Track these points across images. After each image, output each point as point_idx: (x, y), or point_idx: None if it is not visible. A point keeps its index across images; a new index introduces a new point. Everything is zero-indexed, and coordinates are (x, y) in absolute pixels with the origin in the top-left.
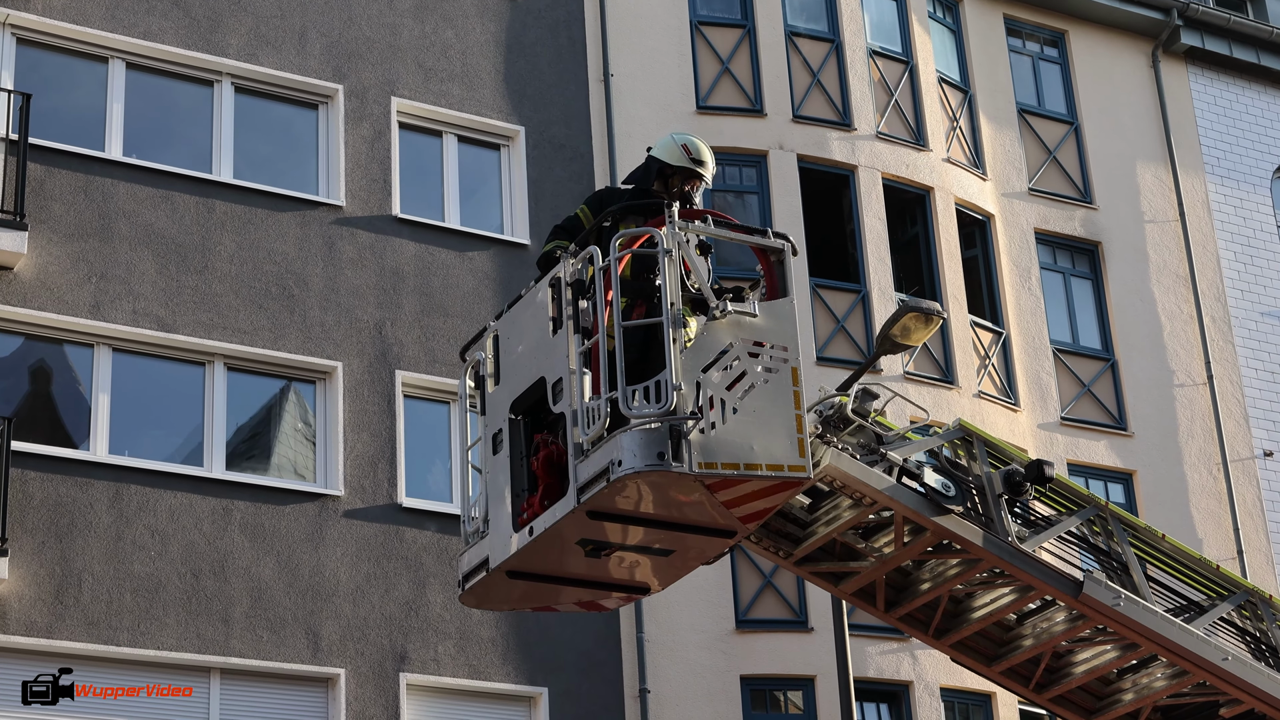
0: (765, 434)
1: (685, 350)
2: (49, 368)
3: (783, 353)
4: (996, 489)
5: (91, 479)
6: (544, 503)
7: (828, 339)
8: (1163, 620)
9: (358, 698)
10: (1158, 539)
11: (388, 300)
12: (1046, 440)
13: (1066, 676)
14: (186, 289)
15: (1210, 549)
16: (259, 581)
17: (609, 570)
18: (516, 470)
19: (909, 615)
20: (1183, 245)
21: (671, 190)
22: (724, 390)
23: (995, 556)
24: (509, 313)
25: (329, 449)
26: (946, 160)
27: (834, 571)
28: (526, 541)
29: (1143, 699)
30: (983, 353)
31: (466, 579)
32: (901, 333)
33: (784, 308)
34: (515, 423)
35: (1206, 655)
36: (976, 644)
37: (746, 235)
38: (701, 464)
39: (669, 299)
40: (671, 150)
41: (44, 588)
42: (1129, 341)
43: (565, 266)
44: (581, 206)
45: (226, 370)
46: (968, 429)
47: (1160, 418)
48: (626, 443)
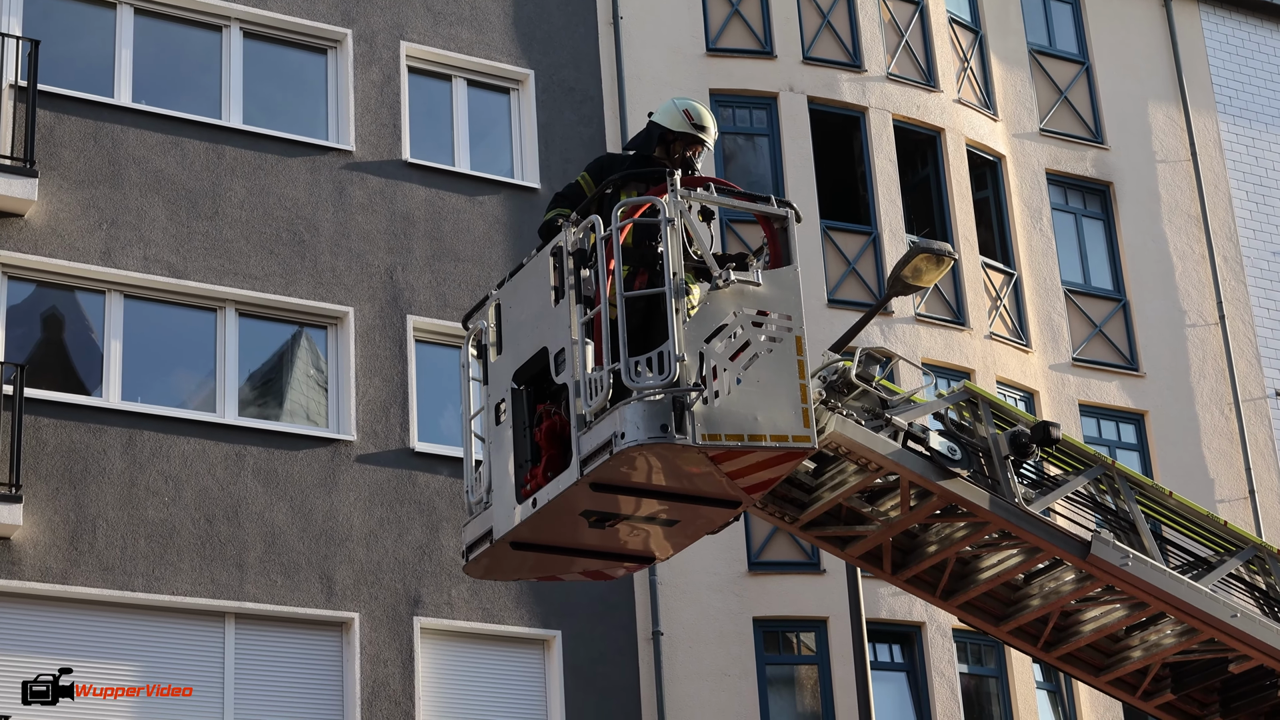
0: (769, 404)
1: (688, 320)
2: (61, 315)
3: (786, 321)
4: (1003, 451)
5: (104, 425)
6: (547, 474)
7: (839, 281)
8: (1170, 579)
9: (372, 641)
10: (1165, 496)
11: (398, 245)
12: (1058, 381)
13: (1075, 635)
14: (197, 235)
15: (1222, 489)
16: (272, 526)
17: (614, 540)
18: (519, 441)
19: (916, 577)
20: (1194, 185)
21: (673, 156)
22: (727, 360)
23: (1002, 519)
24: (511, 281)
25: (341, 394)
26: (957, 101)
27: (840, 535)
28: (530, 513)
29: (1151, 656)
30: (994, 294)
31: (470, 549)
32: (913, 274)
33: (788, 276)
34: (518, 393)
35: (1215, 613)
36: (984, 604)
37: (749, 203)
38: (705, 435)
39: (671, 268)
40: (673, 116)
41: (59, 534)
42: (1140, 282)
43: (567, 235)
44: (582, 173)
45: (238, 316)
46: (973, 391)
47: (1172, 358)
48: (629, 415)
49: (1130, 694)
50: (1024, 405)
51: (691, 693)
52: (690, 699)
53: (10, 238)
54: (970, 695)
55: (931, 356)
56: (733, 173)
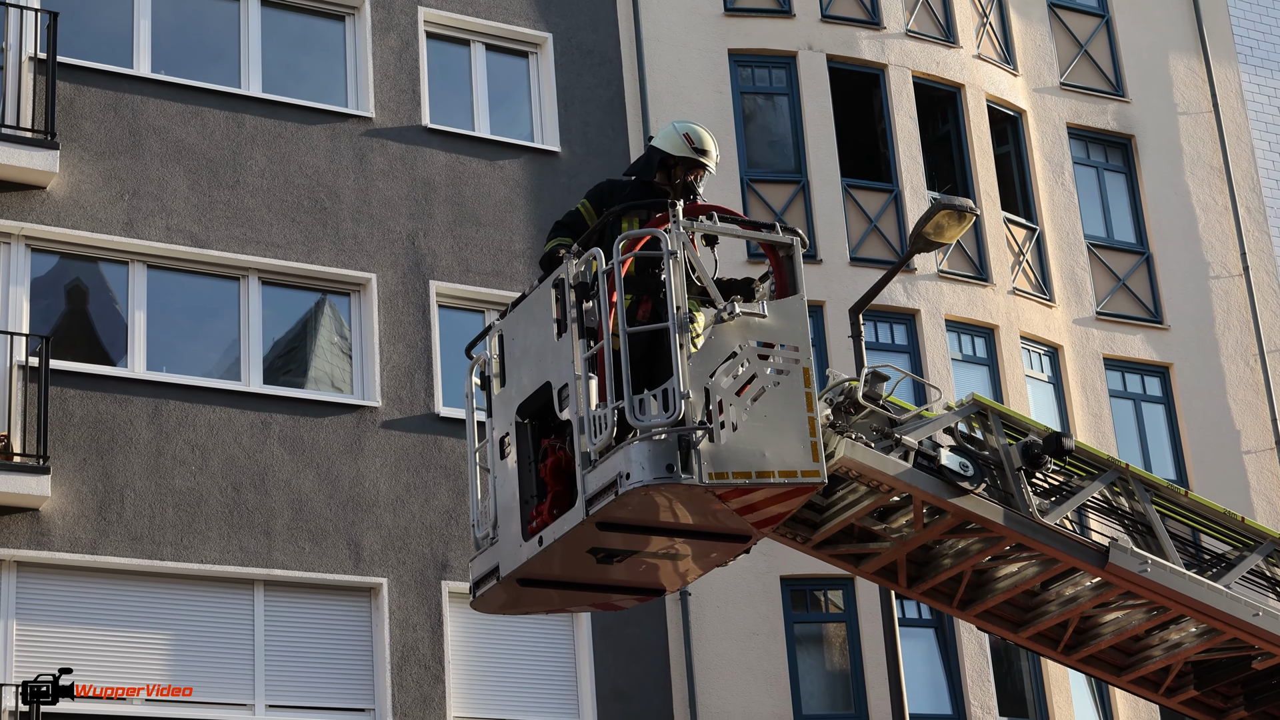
0: (777, 439)
1: (693, 355)
2: (85, 286)
3: (794, 353)
4: (1015, 463)
5: (130, 396)
6: (553, 511)
7: (860, 239)
8: (1190, 582)
9: (400, 607)
10: (1180, 496)
11: (420, 211)
12: (1082, 336)
13: (1095, 638)
14: (219, 204)
15: (1248, 440)
16: (299, 494)
17: (621, 575)
18: (524, 476)
19: (933, 589)
20: (1216, 136)
21: (674, 181)
22: (733, 396)
23: (1017, 534)
24: (513, 313)
25: (365, 360)
26: (977, 57)
27: (854, 554)
28: (536, 551)
29: (1173, 656)
30: (1017, 249)
31: (478, 586)
32: (935, 231)
33: (794, 306)
34: (522, 426)
35: (1236, 613)
36: (1002, 611)
37: (753, 232)
38: (712, 474)
39: (674, 303)
40: (673, 140)
41: (87, 505)
42: (1163, 234)
43: (568, 268)
44: (583, 201)
45: (261, 284)
46: (982, 403)
47: (1196, 310)
48: (635, 455)
49: (1153, 691)
50: (1049, 361)
51: (720, 652)
52: (718, 658)
53: (32, 210)
54: (999, 652)
55: (955, 313)
56: (752, 133)
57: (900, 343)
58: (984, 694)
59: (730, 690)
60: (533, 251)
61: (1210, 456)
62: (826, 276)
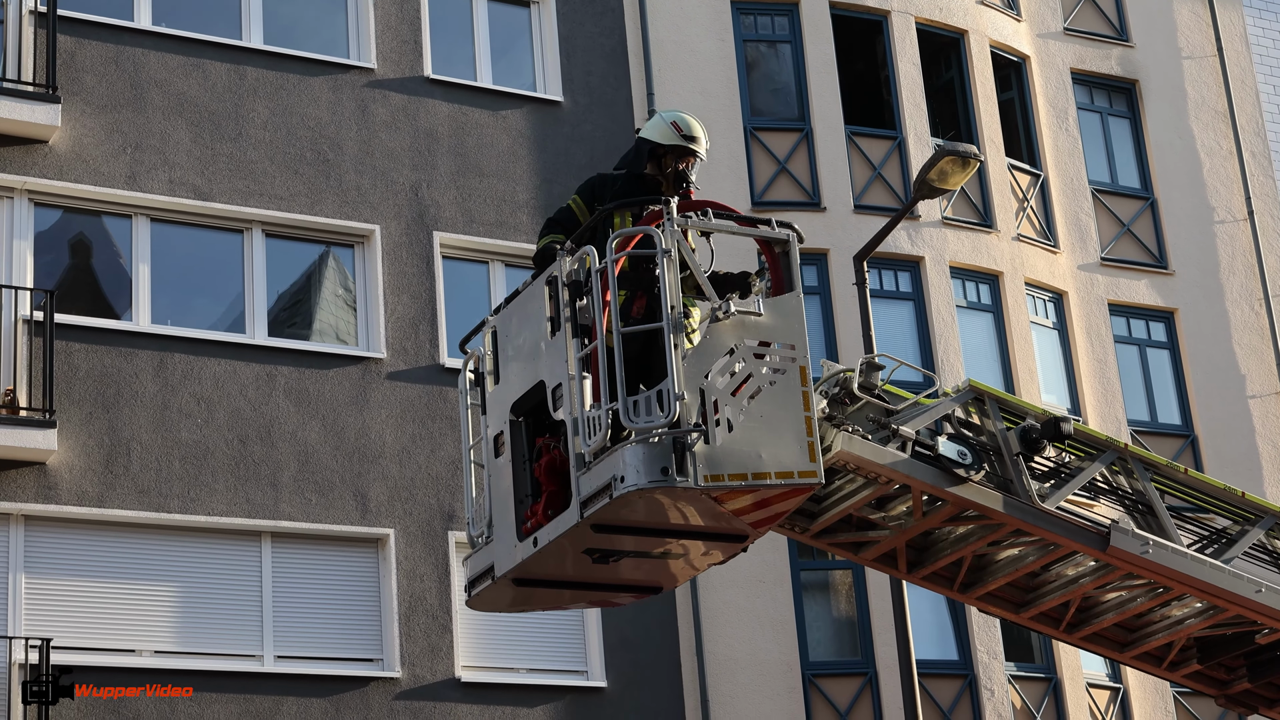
0: (773, 439)
1: (688, 355)
2: (88, 240)
3: (790, 351)
4: (1013, 448)
5: (135, 349)
6: (548, 512)
7: (864, 187)
8: (1192, 562)
9: (408, 557)
10: (1180, 474)
11: (423, 162)
12: (1087, 281)
13: (1098, 616)
14: (221, 157)
15: (1254, 384)
16: (305, 445)
17: (618, 574)
18: (519, 475)
19: (933, 573)
20: (1221, 81)
21: (665, 170)
22: (729, 396)
23: (1018, 520)
24: (506, 309)
25: (370, 312)
26: (980, 2)
27: (854, 541)
28: (531, 552)
29: (1176, 633)
30: (1021, 195)
31: (473, 585)
32: (938, 177)
33: (790, 303)
34: (516, 424)
35: (1239, 590)
36: (1003, 592)
37: (748, 228)
38: (708, 476)
39: (668, 303)
40: (661, 129)
41: (93, 458)
42: (1168, 179)
43: (561, 265)
44: (574, 196)
45: (265, 237)
46: (978, 389)
47: (1201, 255)
48: (629, 458)
49: (1156, 666)
50: (1053, 307)
51: (727, 600)
52: (725, 606)
53: (35, 164)
54: None
55: (959, 260)
56: (756, 81)
57: (905, 290)
58: (990, 640)
59: (737, 638)
60: (536, 201)
61: (1215, 401)
62: (830, 224)
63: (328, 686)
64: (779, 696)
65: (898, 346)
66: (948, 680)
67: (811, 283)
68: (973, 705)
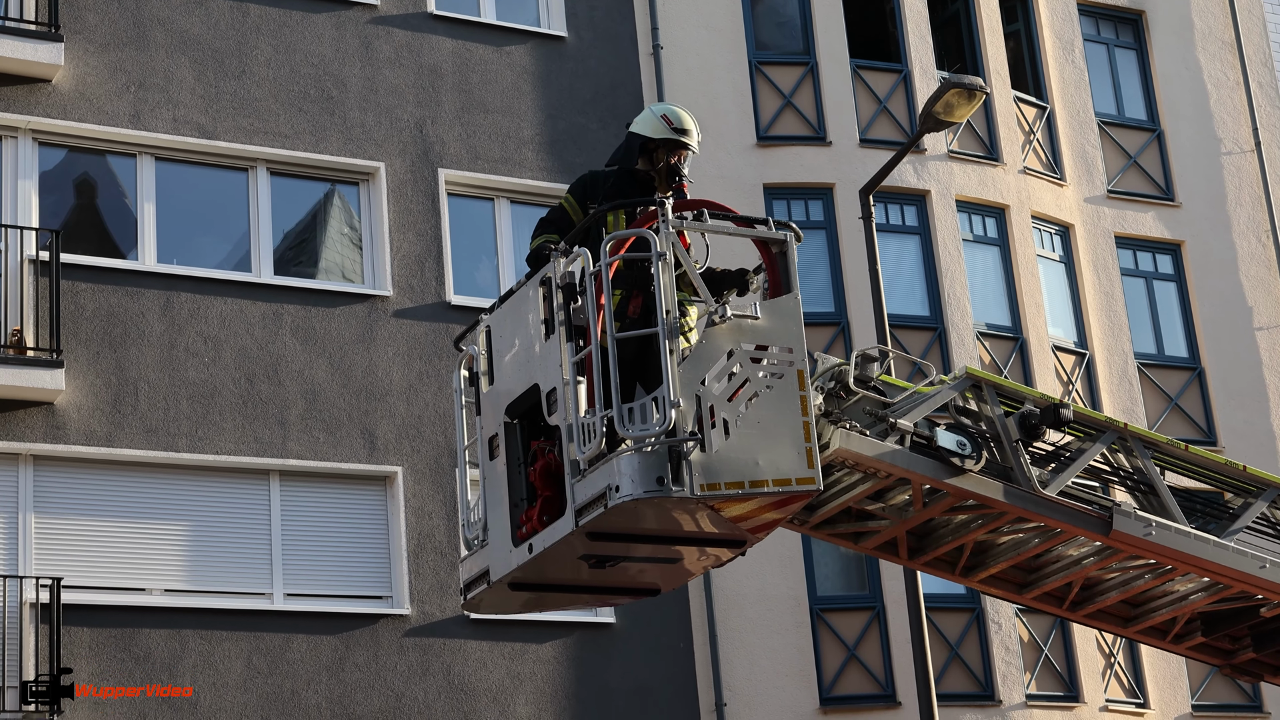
0: (770, 446)
1: (685, 359)
2: (93, 179)
3: (787, 355)
4: (1012, 435)
5: (142, 288)
6: (543, 518)
7: (870, 120)
8: (1196, 541)
9: (415, 495)
10: (1181, 451)
11: (427, 99)
12: (1093, 214)
13: (1101, 594)
14: (225, 95)
15: (1260, 316)
16: (313, 384)
17: (615, 577)
18: (514, 478)
19: (934, 559)
20: (1228, 10)
21: (657, 166)
22: (725, 402)
23: (1019, 508)
24: (501, 308)
25: (375, 250)
26: None
27: (853, 532)
28: (527, 559)
29: (1180, 609)
30: (1027, 128)
31: (469, 588)
32: (944, 110)
33: (788, 305)
34: (511, 427)
35: (1243, 567)
36: (1006, 574)
37: (745, 228)
38: (704, 485)
39: (663, 307)
40: (651, 123)
41: (101, 397)
42: (1175, 111)
43: (555, 267)
44: (566, 195)
45: (269, 175)
46: (975, 376)
47: (1208, 187)
48: (624, 467)
49: (1161, 639)
50: (1060, 240)
51: None
52: None
53: (39, 103)
54: None
55: (965, 193)
56: (760, 14)
57: (911, 224)
58: None
59: (745, 573)
60: (541, 138)
61: (1222, 334)
62: (836, 158)
63: (337, 624)
64: (787, 631)
65: (905, 281)
66: (955, 614)
67: (818, 218)
68: (980, 639)
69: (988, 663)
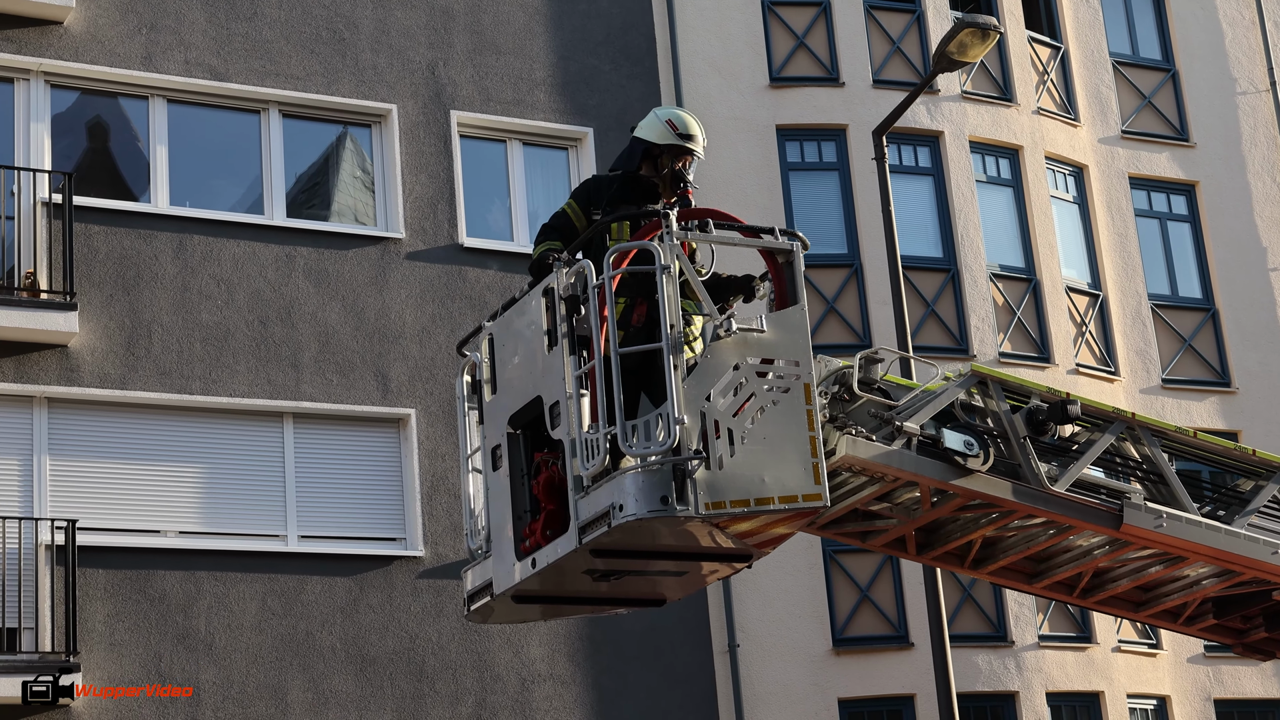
0: (777, 462)
1: (689, 374)
2: (105, 122)
3: (794, 368)
4: (1020, 432)
5: (155, 231)
6: (546, 531)
7: (884, 61)
8: (1207, 531)
9: (429, 437)
10: (1190, 438)
11: (439, 40)
12: (1107, 154)
13: (1112, 583)
14: (237, 37)
15: (1274, 257)
16: (326, 326)
17: (619, 590)
18: (517, 490)
19: (943, 554)
20: None
21: (661, 171)
22: (730, 418)
23: (1028, 506)
24: (504, 316)
25: (388, 192)
26: None
27: (861, 530)
28: (530, 573)
29: (1191, 594)
30: (1041, 68)
31: (472, 599)
32: (958, 50)
33: (794, 317)
34: (514, 438)
35: (1256, 555)
36: (1016, 565)
37: (751, 238)
38: (709, 504)
39: (668, 322)
40: (656, 128)
41: (115, 340)
42: (1189, 51)
43: (558, 278)
44: (569, 201)
45: (281, 117)
46: (981, 373)
47: (1223, 127)
48: (628, 486)
49: (1172, 622)
50: (1074, 181)
51: None
52: None
53: (50, 45)
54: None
55: (979, 134)
56: None
57: (924, 165)
58: None
59: None
60: (553, 79)
61: (1236, 274)
62: (849, 99)
63: (351, 566)
64: (800, 572)
65: (918, 222)
66: None
67: (831, 159)
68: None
69: (1000, 604)
